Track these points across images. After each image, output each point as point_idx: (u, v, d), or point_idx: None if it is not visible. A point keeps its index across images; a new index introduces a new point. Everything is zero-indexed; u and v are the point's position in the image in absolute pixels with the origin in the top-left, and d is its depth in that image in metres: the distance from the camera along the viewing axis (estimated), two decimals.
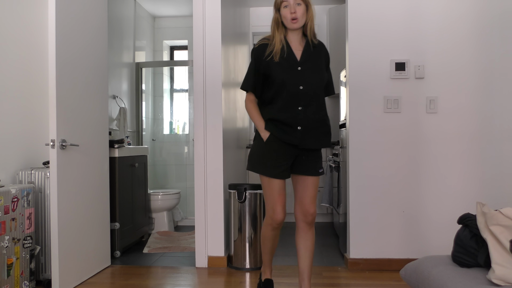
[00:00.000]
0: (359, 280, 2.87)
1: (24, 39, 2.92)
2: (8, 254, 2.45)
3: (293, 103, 2.20)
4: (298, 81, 2.19)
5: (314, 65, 2.24)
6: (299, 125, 2.20)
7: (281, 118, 2.20)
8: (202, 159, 3.25)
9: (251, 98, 2.33)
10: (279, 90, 2.21)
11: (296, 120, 2.20)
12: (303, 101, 2.20)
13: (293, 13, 2.15)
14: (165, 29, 5.47)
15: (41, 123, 3.07)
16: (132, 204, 3.83)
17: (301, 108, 2.20)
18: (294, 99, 2.19)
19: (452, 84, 3.06)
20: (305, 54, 2.24)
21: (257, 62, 2.26)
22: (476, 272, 1.65)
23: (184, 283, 2.89)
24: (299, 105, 2.20)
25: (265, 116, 2.28)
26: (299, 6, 2.16)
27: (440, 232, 3.06)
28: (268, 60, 2.21)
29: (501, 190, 3.04)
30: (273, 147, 2.23)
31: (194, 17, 3.26)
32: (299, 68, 2.21)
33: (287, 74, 2.18)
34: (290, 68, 2.20)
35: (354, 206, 3.12)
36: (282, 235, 4.25)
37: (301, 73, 2.20)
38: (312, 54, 2.26)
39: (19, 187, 2.55)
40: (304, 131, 2.21)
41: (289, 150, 2.23)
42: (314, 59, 2.25)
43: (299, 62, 2.22)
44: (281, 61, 2.20)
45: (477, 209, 1.69)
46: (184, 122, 5.47)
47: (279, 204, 2.25)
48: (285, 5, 2.17)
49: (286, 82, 2.18)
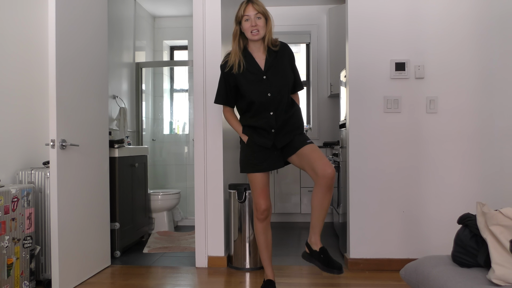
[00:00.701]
0: (359, 280, 2.87)
1: (24, 39, 2.92)
2: (8, 254, 2.45)
3: (264, 110, 2.37)
4: (265, 89, 2.35)
5: (278, 70, 2.39)
6: (273, 128, 2.38)
7: (256, 124, 2.40)
8: (202, 159, 3.25)
9: (226, 108, 2.53)
10: (249, 101, 2.38)
11: (270, 124, 2.38)
12: (273, 107, 2.36)
13: (253, 26, 2.30)
14: (165, 29, 5.47)
15: (41, 123, 3.06)
16: (132, 204, 3.83)
17: (272, 113, 2.37)
18: (264, 106, 2.36)
19: (452, 84, 3.06)
20: (268, 62, 2.38)
21: (225, 76, 2.42)
22: (476, 272, 1.65)
23: (184, 283, 2.89)
24: (270, 111, 2.37)
25: (243, 122, 2.48)
26: (259, 19, 2.32)
27: (440, 232, 3.06)
28: (234, 73, 2.37)
29: (501, 190, 3.04)
30: (253, 147, 2.44)
31: (194, 17, 3.25)
32: (265, 76, 2.36)
33: (253, 85, 2.35)
34: (256, 79, 2.36)
35: (354, 206, 3.12)
36: (281, 235, 4.25)
37: (267, 81, 2.36)
38: (275, 60, 2.40)
39: (19, 187, 2.55)
40: (278, 132, 2.39)
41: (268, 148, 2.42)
42: (278, 63, 2.40)
43: (263, 71, 2.37)
44: (246, 73, 2.36)
45: (477, 209, 1.69)
46: (184, 122, 5.47)
47: (261, 196, 2.44)
48: (246, 18, 2.32)
49: (254, 92, 2.35)
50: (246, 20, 2.32)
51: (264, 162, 2.42)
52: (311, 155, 2.31)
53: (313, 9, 5.18)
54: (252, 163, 2.43)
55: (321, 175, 2.24)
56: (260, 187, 2.45)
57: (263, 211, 2.46)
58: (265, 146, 2.40)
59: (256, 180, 2.45)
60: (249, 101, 2.38)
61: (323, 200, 2.31)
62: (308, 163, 2.32)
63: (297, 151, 2.38)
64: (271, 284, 2.53)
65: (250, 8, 2.31)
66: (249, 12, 2.31)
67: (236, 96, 2.46)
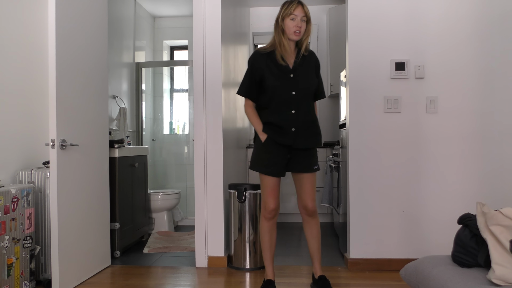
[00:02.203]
0: (359, 280, 2.87)
1: (24, 39, 2.92)
2: (8, 254, 2.45)
3: (286, 107, 2.44)
4: (290, 87, 2.43)
5: (305, 72, 2.48)
6: (293, 127, 2.44)
7: (276, 121, 2.45)
8: (202, 159, 3.25)
9: (249, 103, 2.56)
10: (273, 96, 2.45)
11: (290, 122, 2.44)
12: (295, 105, 2.44)
13: (298, 27, 2.39)
14: (165, 29, 5.47)
15: (41, 123, 3.07)
16: (132, 204, 3.83)
17: (294, 111, 2.44)
18: (287, 103, 2.43)
19: (452, 84, 3.06)
20: (296, 63, 2.48)
21: (253, 69, 2.49)
22: (476, 272, 1.65)
23: (184, 283, 2.89)
24: (291, 109, 2.44)
25: (262, 119, 2.52)
26: (303, 22, 2.41)
27: (440, 232, 3.06)
28: (263, 68, 2.45)
29: (501, 190, 3.04)
30: (269, 148, 2.49)
31: (194, 17, 3.26)
32: (292, 75, 2.45)
33: (280, 81, 2.43)
34: (283, 75, 2.44)
35: (354, 206, 3.12)
36: (281, 235, 4.25)
37: (293, 80, 2.44)
38: (303, 62, 2.49)
39: (19, 187, 2.55)
40: (297, 132, 2.45)
41: (283, 150, 2.49)
42: (305, 66, 2.49)
43: (291, 69, 2.46)
44: (274, 68, 2.44)
45: (477, 209, 1.69)
46: (184, 122, 5.47)
47: (271, 196, 2.53)
48: (292, 18, 2.40)
49: (279, 88, 2.42)
50: (292, 19, 2.39)
51: (273, 165, 2.48)
52: (305, 184, 2.53)
53: (313, 9, 5.17)
54: (263, 164, 2.49)
55: (302, 206, 2.57)
56: (270, 186, 2.52)
57: (271, 211, 2.54)
58: (285, 144, 2.45)
59: (266, 179, 2.51)
60: (272, 96, 2.44)
61: (311, 229, 2.59)
62: (299, 188, 2.57)
63: (301, 173, 2.52)
64: (271, 284, 2.54)
65: (299, 9, 2.39)
66: (298, 12, 2.39)
67: (258, 91, 2.51)
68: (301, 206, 2.57)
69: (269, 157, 2.48)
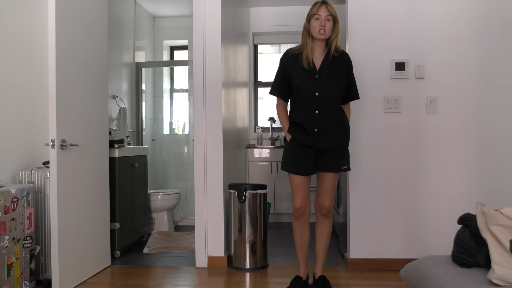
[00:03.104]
0: (359, 280, 2.87)
1: (24, 39, 2.92)
2: (8, 254, 2.45)
3: (310, 108, 2.46)
4: (314, 88, 2.45)
5: (332, 73, 2.47)
6: (316, 127, 2.46)
7: (301, 121, 2.48)
8: (202, 159, 3.25)
9: (280, 102, 2.62)
10: (298, 96, 2.50)
11: (313, 123, 2.46)
12: (318, 106, 2.45)
13: (322, 26, 2.41)
14: (165, 29, 5.47)
15: (41, 123, 3.06)
16: (132, 204, 3.83)
17: (317, 112, 2.45)
18: (311, 104, 2.46)
19: (452, 84, 3.06)
20: (324, 63, 2.48)
21: (282, 69, 2.55)
22: (476, 272, 1.65)
23: (184, 283, 2.89)
24: (315, 109, 2.45)
25: (290, 119, 2.57)
26: (328, 21, 2.42)
27: (440, 232, 3.06)
28: (291, 68, 2.50)
29: (501, 190, 3.04)
30: (294, 148, 2.53)
31: (194, 17, 3.25)
32: (317, 76, 2.46)
33: (305, 82, 2.45)
34: (308, 76, 2.46)
35: (354, 206, 3.12)
36: (281, 235, 4.25)
37: (319, 81, 2.45)
38: (331, 63, 2.48)
39: (19, 187, 2.55)
40: (320, 133, 2.46)
41: (308, 150, 2.50)
42: (333, 67, 2.48)
43: (317, 71, 2.46)
44: (300, 69, 2.47)
45: (477, 209, 1.69)
46: (184, 122, 5.47)
47: (298, 195, 2.54)
48: (317, 17, 2.43)
49: (304, 89, 2.46)
50: (316, 19, 2.43)
51: (300, 165, 2.50)
52: (326, 182, 2.55)
53: None
54: (289, 163, 2.54)
55: (318, 203, 2.59)
56: (296, 185, 2.54)
57: (297, 209, 2.56)
58: (307, 144, 2.47)
59: (293, 178, 2.55)
60: (297, 96, 2.50)
61: (322, 229, 2.62)
62: (319, 186, 2.59)
63: (324, 171, 2.54)
64: (298, 280, 2.61)
65: (323, 8, 2.42)
66: (321, 12, 2.41)
67: (290, 90, 2.57)
68: (317, 204, 2.60)
69: (294, 156, 2.52)
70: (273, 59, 5.82)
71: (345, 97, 2.59)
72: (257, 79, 5.63)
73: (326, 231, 2.62)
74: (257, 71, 5.64)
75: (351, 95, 2.60)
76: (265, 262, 3.23)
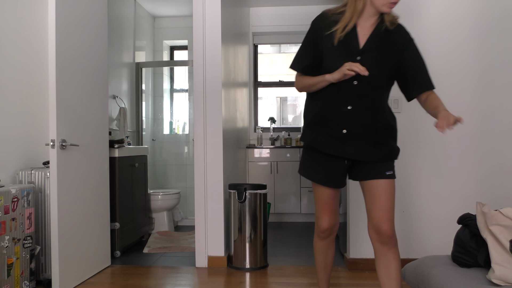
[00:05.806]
0: (359, 280, 2.87)
1: (24, 39, 2.92)
2: (8, 254, 2.45)
3: (342, 101, 1.81)
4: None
5: (380, 55, 1.79)
6: (345, 127, 1.81)
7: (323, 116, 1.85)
8: (202, 159, 3.25)
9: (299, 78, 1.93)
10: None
11: (342, 121, 1.81)
12: (354, 99, 1.80)
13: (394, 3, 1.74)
14: (165, 29, 5.47)
15: (41, 123, 3.07)
16: (132, 204, 3.83)
17: (351, 107, 1.80)
18: (344, 95, 1.80)
19: (452, 84, 3.06)
20: (371, 40, 1.78)
21: (313, 37, 1.84)
22: (476, 272, 1.65)
23: (184, 283, 2.89)
24: (348, 103, 1.80)
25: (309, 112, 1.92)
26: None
27: (440, 232, 3.06)
28: (324, 39, 1.80)
29: (501, 190, 3.04)
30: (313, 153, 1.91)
31: (194, 17, 3.26)
32: (359, 57, 1.77)
33: (340, 63, 1.72)
34: (347, 56, 1.76)
35: (354, 206, 3.12)
36: (281, 235, 4.25)
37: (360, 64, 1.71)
38: (382, 41, 1.79)
39: (19, 187, 2.55)
40: (350, 136, 1.81)
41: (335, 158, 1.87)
42: (384, 47, 1.79)
43: (361, 50, 1.78)
44: (338, 45, 1.78)
45: (477, 209, 1.69)
46: (184, 122, 5.48)
47: (324, 211, 1.94)
48: None
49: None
50: None
51: (322, 172, 1.88)
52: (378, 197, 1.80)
53: (313, 9, 5.17)
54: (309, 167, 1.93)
55: (372, 227, 1.82)
56: (322, 199, 1.93)
57: (324, 230, 1.96)
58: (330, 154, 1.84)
59: (317, 189, 1.94)
60: None
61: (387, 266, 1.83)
62: (369, 202, 1.84)
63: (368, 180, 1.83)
64: None
65: None
66: None
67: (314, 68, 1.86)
68: (372, 229, 1.82)
69: (315, 159, 1.90)
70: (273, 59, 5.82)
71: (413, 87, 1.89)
72: (257, 79, 5.63)
73: (394, 268, 1.82)
74: (257, 71, 5.64)
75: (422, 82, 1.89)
76: (265, 262, 3.23)
